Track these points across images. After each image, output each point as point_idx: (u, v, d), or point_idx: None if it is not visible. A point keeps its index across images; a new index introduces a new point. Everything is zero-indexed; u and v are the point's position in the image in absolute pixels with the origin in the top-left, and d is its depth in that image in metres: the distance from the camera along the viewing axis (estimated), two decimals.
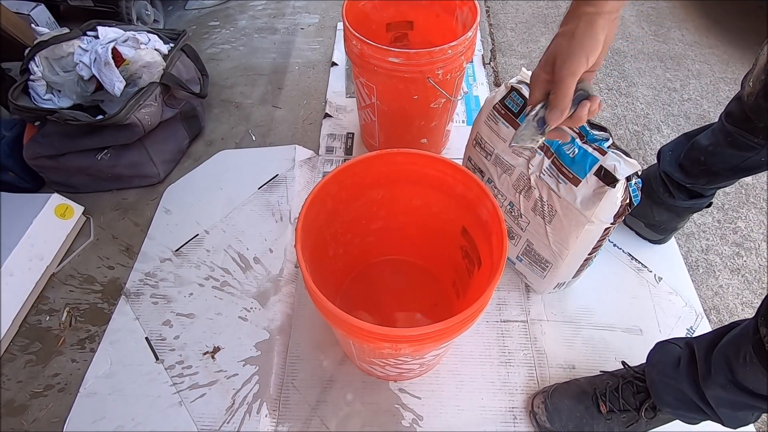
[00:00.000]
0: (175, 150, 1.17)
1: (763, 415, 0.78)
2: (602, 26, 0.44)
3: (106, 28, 1.10)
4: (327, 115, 1.26)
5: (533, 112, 0.52)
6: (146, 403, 0.79)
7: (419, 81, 0.86)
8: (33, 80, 1.03)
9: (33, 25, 1.25)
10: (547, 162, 0.71)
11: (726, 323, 0.60)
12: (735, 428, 0.58)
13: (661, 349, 0.69)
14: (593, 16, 0.44)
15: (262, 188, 1.09)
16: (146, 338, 0.86)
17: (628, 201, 0.66)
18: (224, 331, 0.87)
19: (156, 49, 1.10)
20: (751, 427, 0.75)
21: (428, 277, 0.91)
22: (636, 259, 0.95)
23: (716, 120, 0.85)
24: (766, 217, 1.05)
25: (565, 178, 0.69)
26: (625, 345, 0.84)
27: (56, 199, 1.00)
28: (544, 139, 0.54)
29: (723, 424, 0.58)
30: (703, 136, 0.90)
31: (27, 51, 1.03)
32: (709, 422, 0.65)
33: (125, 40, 1.08)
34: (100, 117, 0.98)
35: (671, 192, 0.88)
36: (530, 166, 0.73)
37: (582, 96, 0.49)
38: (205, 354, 0.84)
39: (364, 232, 0.82)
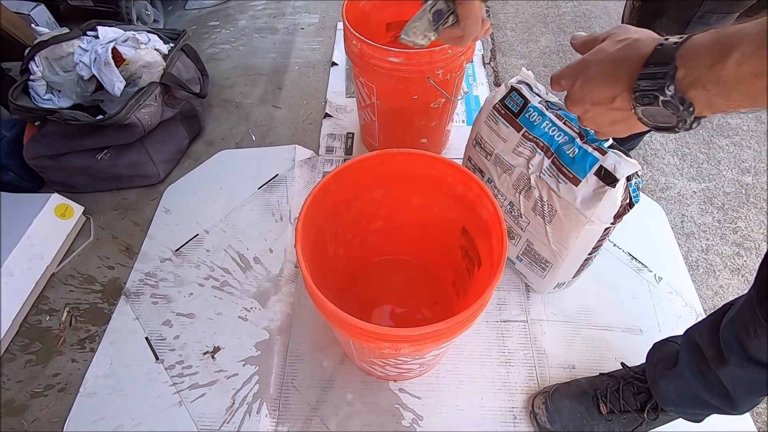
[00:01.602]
0: (175, 150, 1.17)
1: (764, 416, 0.78)
2: None
3: (106, 28, 1.10)
4: (327, 115, 1.26)
5: (430, 1, 0.47)
6: (146, 403, 0.79)
7: (419, 81, 0.86)
8: (33, 80, 1.03)
9: (33, 25, 1.25)
10: (547, 162, 0.71)
11: None
12: (742, 412, 0.58)
13: (660, 347, 0.70)
14: None
15: (262, 188, 1.09)
16: (146, 338, 0.86)
17: (628, 201, 0.66)
18: (224, 331, 0.87)
19: (156, 49, 1.10)
20: (752, 426, 0.75)
21: (428, 277, 0.90)
22: (636, 259, 0.95)
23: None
24: (766, 217, 1.05)
25: (565, 178, 0.68)
26: (625, 345, 0.83)
27: (56, 199, 1.00)
28: (436, 36, 0.50)
29: (733, 410, 0.58)
30: None
31: (27, 51, 1.03)
32: (706, 422, 0.65)
33: (125, 40, 1.08)
34: (100, 117, 0.98)
35: None
36: (530, 166, 0.73)
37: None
38: (205, 354, 0.84)
39: (364, 231, 0.82)
